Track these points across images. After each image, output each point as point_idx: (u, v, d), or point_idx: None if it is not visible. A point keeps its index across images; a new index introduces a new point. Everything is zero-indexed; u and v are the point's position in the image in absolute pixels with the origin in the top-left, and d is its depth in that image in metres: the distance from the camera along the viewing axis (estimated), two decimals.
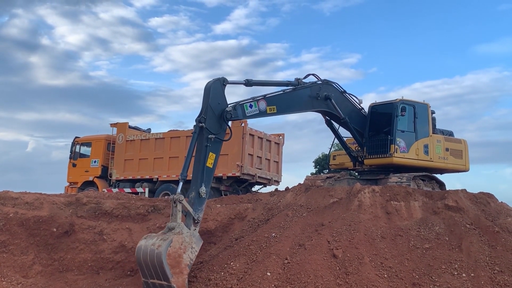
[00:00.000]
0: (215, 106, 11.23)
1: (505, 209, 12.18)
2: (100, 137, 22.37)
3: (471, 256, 10.26)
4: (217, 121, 11.26)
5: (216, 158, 11.28)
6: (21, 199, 12.88)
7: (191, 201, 10.87)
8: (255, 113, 12.11)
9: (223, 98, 11.47)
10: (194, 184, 11.04)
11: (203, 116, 11.07)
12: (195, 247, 10.36)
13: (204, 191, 10.95)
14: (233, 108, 11.48)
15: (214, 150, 11.18)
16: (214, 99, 11.25)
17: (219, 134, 11.27)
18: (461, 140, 15.85)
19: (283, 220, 12.08)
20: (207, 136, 11.02)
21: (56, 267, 12.53)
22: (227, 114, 11.28)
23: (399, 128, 14.38)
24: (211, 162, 11.12)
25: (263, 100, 12.30)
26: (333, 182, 14.81)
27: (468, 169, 15.75)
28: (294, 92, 13.19)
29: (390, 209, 11.74)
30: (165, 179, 19.68)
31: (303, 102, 13.46)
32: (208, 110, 11.10)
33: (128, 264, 12.70)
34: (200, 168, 11.01)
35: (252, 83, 12.47)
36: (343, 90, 14.62)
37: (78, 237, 12.91)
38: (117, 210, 13.58)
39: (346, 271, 9.81)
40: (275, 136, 20.67)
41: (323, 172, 32.83)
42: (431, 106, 15.19)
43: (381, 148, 14.44)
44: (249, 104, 12.00)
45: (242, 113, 11.84)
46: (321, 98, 13.71)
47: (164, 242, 9.87)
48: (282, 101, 12.79)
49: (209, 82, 11.38)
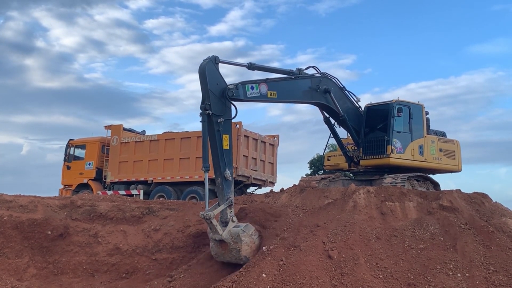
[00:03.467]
0: (214, 88, 11.19)
1: (500, 209, 12.21)
2: (94, 139, 22.36)
3: (466, 256, 10.29)
4: (220, 102, 11.25)
5: (230, 138, 11.41)
6: (15, 202, 12.82)
7: (219, 187, 11.03)
8: (256, 95, 12.11)
9: (220, 77, 11.43)
10: (217, 170, 11.10)
11: (207, 103, 11.02)
12: (252, 234, 11.00)
13: (229, 174, 11.09)
14: (235, 86, 11.49)
15: (226, 131, 11.29)
16: (212, 82, 11.18)
17: (226, 114, 11.33)
18: (453, 140, 15.94)
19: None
20: (216, 120, 11.06)
21: (51, 270, 12.47)
22: (229, 92, 11.28)
23: (395, 129, 14.39)
24: (227, 143, 11.23)
25: (265, 84, 12.32)
26: (328, 183, 14.82)
27: (461, 170, 15.83)
28: (295, 80, 13.19)
29: (385, 209, 11.75)
30: (160, 181, 19.70)
31: (303, 92, 13.42)
32: (210, 95, 11.07)
33: (123, 267, 12.66)
34: (219, 153, 11.09)
35: (254, 67, 12.53)
36: (342, 86, 14.55)
37: (72, 240, 12.86)
38: (112, 213, 13.54)
39: (342, 271, 9.80)
40: (270, 138, 20.71)
41: (318, 173, 32.87)
42: (425, 107, 15.26)
43: (377, 149, 14.41)
44: (251, 85, 12.01)
45: (243, 93, 11.80)
46: (321, 90, 13.66)
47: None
48: (283, 88, 12.80)
49: (202, 64, 11.23)
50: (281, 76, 13.11)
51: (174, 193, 19.24)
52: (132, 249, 12.86)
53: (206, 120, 11.03)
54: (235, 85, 11.49)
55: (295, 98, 13.43)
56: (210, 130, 11.10)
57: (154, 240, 13.02)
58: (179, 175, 19.28)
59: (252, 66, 12.46)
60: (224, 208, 10.84)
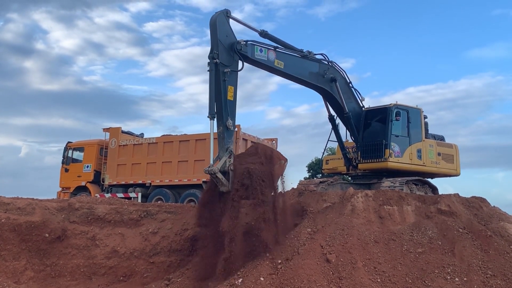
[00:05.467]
0: (224, 40, 11.57)
1: (498, 213, 12.22)
2: (92, 142, 22.31)
3: (464, 260, 10.29)
4: (228, 53, 11.59)
5: (235, 90, 11.69)
6: (13, 205, 12.79)
7: (220, 136, 11.30)
8: (263, 59, 12.39)
9: (230, 30, 11.82)
10: (220, 119, 11.38)
11: (215, 52, 11.33)
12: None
13: (231, 123, 11.39)
14: (245, 43, 11.91)
15: (232, 83, 11.59)
16: (221, 33, 11.56)
17: (233, 65, 11.64)
18: (452, 144, 15.92)
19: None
20: (223, 70, 11.34)
21: (48, 272, 12.45)
22: (238, 45, 11.68)
23: (393, 133, 14.37)
24: (231, 95, 11.54)
25: (274, 52, 12.59)
26: (326, 186, 14.82)
27: (459, 174, 15.80)
28: (303, 59, 13.37)
29: (383, 213, 11.76)
30: (158, 184, 19.65)
31: (309, 72, 13.53)
32: (218, 45, 11.39)
33: (121, 270, 12.65)
34: (223, 102, 11.36)
35: (266, 35, 12.87)
36: (349, 81, 14.54)
37: (70, 243, 12.84)
38: (109, 215, 13.51)
39: (340, 275, 9.80)
40: (268, 141, 20.68)
41: (317, 177, 32.83)
42: (423, 111, 15.26)
43: (375, 153, 14.39)
44: (260, 48, 12.34)
45: (251, 52, 12.16)
46: (327, 78, 13.72)
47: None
48: (291, 61, 13.02)
49: (213, 16, 11.61)
50: (291, 52, 13.31)
51: (172, 196, 19.22)
52: (130, 252, 12.83)
53: (213, 69, 11.33)
54: (245, 41, 11.96)
55: (301, 76, 13.50)
56: (216, 80, 11.34)
57: (152, 243, 13.00)
58: (177, 178, 19.25)
59: (264, 33, 12.78)
60: (226, 158, 11.08)
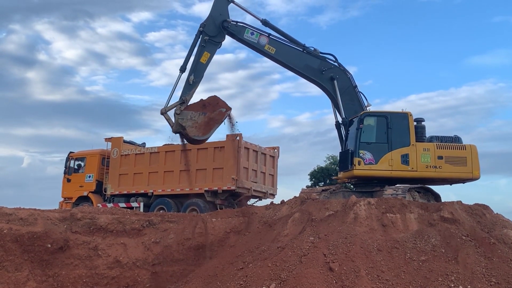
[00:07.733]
0: (216, 16, 13.16)
1: (501, 220, 12.17)
2: (94, 152, 22.34)
3: (467, 268, 10.24)
4: (215, 28, 13.25)
5: (210, 57, 13.33)
6: (15, 215, 12.80)
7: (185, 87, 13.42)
8: (252, 41, 13.43)
9: (226, 11, 13.23)
10: (190, 74, 13.38)
11: (204, 23, 13.10)
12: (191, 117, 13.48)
13: (193, 79, 13.21)
14: (236, 23, 13.14)
15: (209, 50, 13.29)
16: (216, 10, 13.24)
17: (215, 37, 13.25)
18: (465, 146, 14.94)
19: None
20: (204, 37, 13.12)
21: (50, 283, 12.41)
22: (226, 22, 13.13)
23: (363, 140, 14.23)
24: (204, 59, 13.25)
25: (267, 38, 13.20)
26: (328, 195, 14.75)
27: (478, 177, 14.79)
28: (303, 52, 13.68)
29: (386, 221, 11.72)
30: (160, 193, 19.64)
31: (305, 65, 13.70)
32: (209, 18, 13.12)
33: (123, 280, 12.61)
34: (195, 61, 13.28)
35: (268, 24, 13.57)
36: (355, 84, 14.47)
37: (72, 253, 12.82)
38: (112, 225, 13.50)
39: (343, 284, 9.75)
40: (270, 149, 20.69)
41: (319, 185, 32.84)
42: (412, 114, 14.79)
43: (346, 162, 14.44)
44: (251, 31, 13.37)
45: (240, 32, 13.34)
46: (326, 75, 13.80)
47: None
48: (284, 49, 13.45)
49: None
50: (290, 44, 13.73)
51: (174, 205, 19.18)
52: (132, 262, 12.81)
53: (198, 36, 13.23)
54: (236, 22, 13.17)
55: (295, 66, 13.80)
56: (197, 43, 13.30)
57: (154, 253, 12.99)
58: (179, 188, 19.24)
59: (266, 22, 13.28)
60: (176, 104, 13.31)
